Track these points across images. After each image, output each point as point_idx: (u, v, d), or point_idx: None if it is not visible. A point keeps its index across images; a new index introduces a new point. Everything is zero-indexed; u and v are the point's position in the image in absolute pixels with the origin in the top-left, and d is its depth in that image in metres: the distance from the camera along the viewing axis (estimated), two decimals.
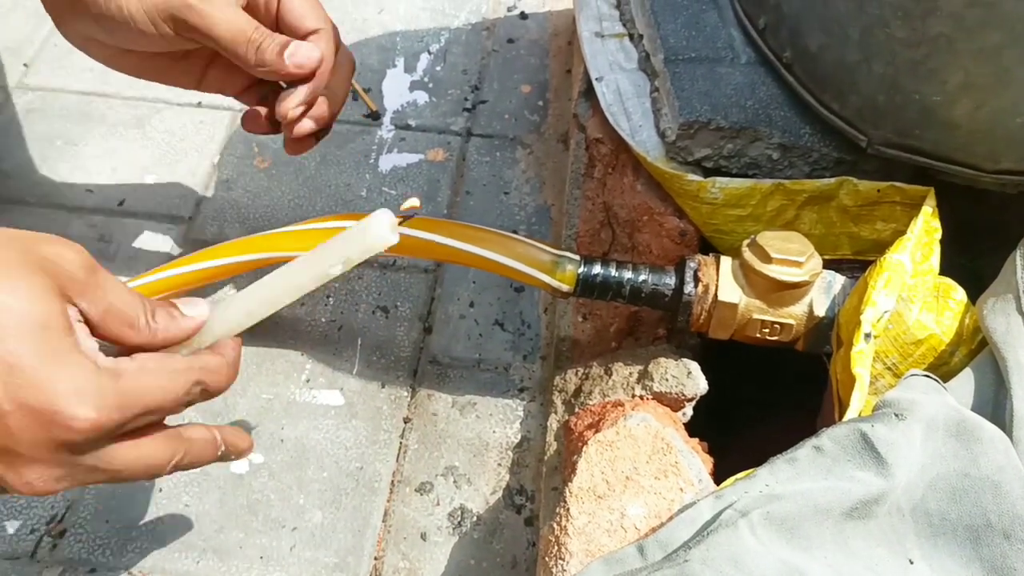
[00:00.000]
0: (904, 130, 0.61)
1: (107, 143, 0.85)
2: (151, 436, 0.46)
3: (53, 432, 0.41)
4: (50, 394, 0.40)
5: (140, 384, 0.44)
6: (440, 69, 0.92)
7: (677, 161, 0.67)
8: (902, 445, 0.49)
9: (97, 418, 0.42)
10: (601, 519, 0.52)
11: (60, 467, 0.42)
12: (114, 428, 0.43)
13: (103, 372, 0.43)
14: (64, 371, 0.41)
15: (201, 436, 0.49)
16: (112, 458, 0.44)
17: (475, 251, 0.60)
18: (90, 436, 0.42)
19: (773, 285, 0.59)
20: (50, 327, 0.41)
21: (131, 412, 0.43)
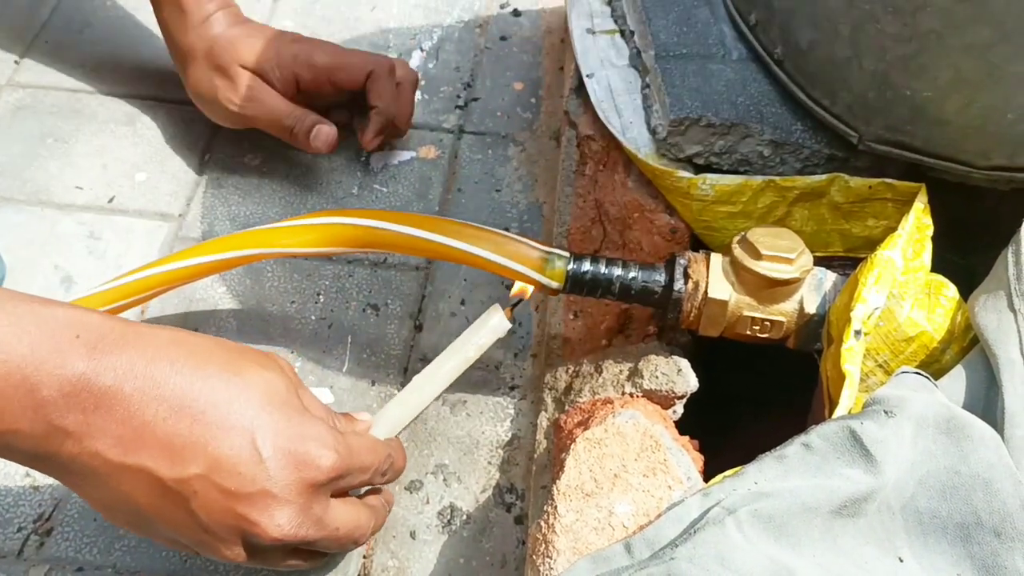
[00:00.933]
0: (895, 126, 0.60)
1: (97, 140, 0.85)
2: (359, 501, 0.54)
3: (303, 472, 0.47)
4: (302, 440, 0.48)
5: (358, 443, 0.52)
6: (432, 66, 0.92)
7: (668, 158, 0.67)
8: (891, 442, 0.49)
9: (337, 460, 0.49)
10: (589, 517, 0.52)
11: (302, 513, 0.48)
12: (343, 474, 0.49)
13: (334, 429, 0.51)
14: (310, 424, 0.49)
15: (379, 502, 0.56)
16: (335, 514, 0.50)
17: (464, 248, 0.60)
18: (332, 476, 0.48)
19: (763, 282, 0.59)
20: (293, 392, 0.50)
21: (355, 464, 0.50)
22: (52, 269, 0.76)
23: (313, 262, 0.77)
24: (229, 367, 0.48)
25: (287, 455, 0.47)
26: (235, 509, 0.46)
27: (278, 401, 0.48)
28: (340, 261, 0.78)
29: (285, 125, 0.77)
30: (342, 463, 0.49)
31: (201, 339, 0.49)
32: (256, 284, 0.76)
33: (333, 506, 0.50)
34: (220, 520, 0.46)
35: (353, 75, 0.79)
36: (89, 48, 0.91)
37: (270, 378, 0.49)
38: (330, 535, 0.50)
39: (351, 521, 0.51)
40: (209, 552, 0.48)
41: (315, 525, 0.48)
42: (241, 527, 0.47)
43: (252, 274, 0.76)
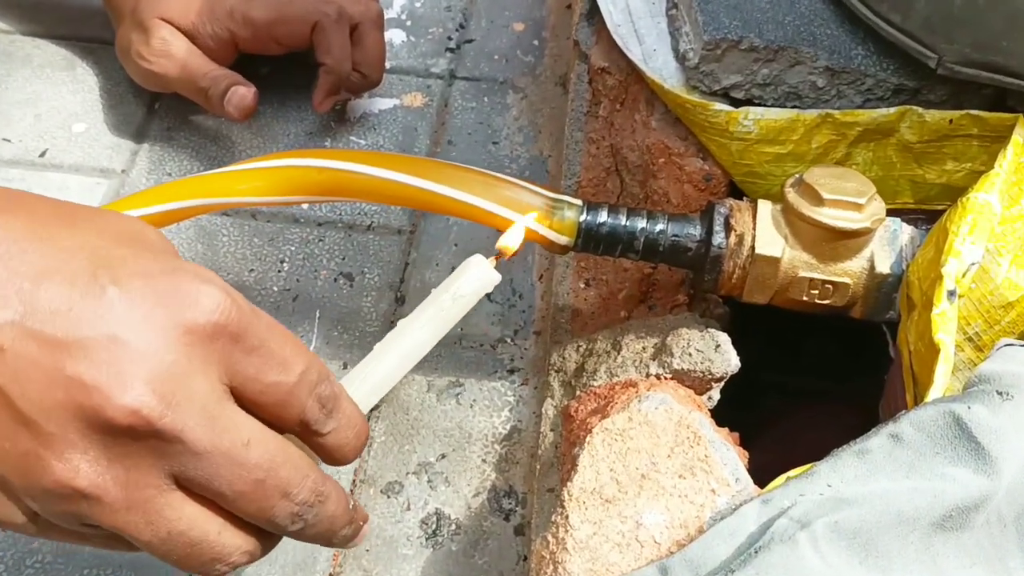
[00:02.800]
0: (987, 42, 0.49)
1: (31, 87, 0.73)
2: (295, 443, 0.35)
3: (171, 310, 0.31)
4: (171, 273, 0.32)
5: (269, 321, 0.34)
6: (420, 5, 0.80)
7: (700, 90, 0.55)
8: (1009, 432, 0.37)
9: (228, 304, 0.32)
10: (610, 530, 0.40)
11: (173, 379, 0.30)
12: (238, 336, 0.32)
13: None
14: (188, 264, 0.33)
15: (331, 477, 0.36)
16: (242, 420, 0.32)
17: (448, 193, 0.48)
18: (218, 324, 0.31)
19: (825, 234, 0.47)
20: (172, 249, 0.35)
21: (260, 332, 0.33)
22: None
23: (277, 224, 0.66)
24: (73, 208, 0.34)
25: (145, 288, 0.31)
26: (63, 369, 0.29)
27: (143, 240, 0.33)
28: (309, 223, 0.66)
29: (199, 86, 0.66)
30: (239, 315, 0.32)
31: (35, 194, 0.34)
32: (209, 249, 0.64)
33: (237, 408, 0.32)
34: (42, 394, 0.29)
35: (295, 29, 0.67)
36: None
37: (136, 222, 0.34)
38: (231, 449, 0.31)
39: (272, 446, 0.33)
40: (39, 483, 0.30)
41: (200, 413, 0.31)
42: (75, 398, 0.29)
43: (205, 237, 0.65)
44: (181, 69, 0.66)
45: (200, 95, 0.66)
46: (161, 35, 0.65)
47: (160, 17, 0.66)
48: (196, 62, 0.66)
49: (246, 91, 0.65)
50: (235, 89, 0.65)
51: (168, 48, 0.66)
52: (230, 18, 0.66)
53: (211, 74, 0.66)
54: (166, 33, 0.66)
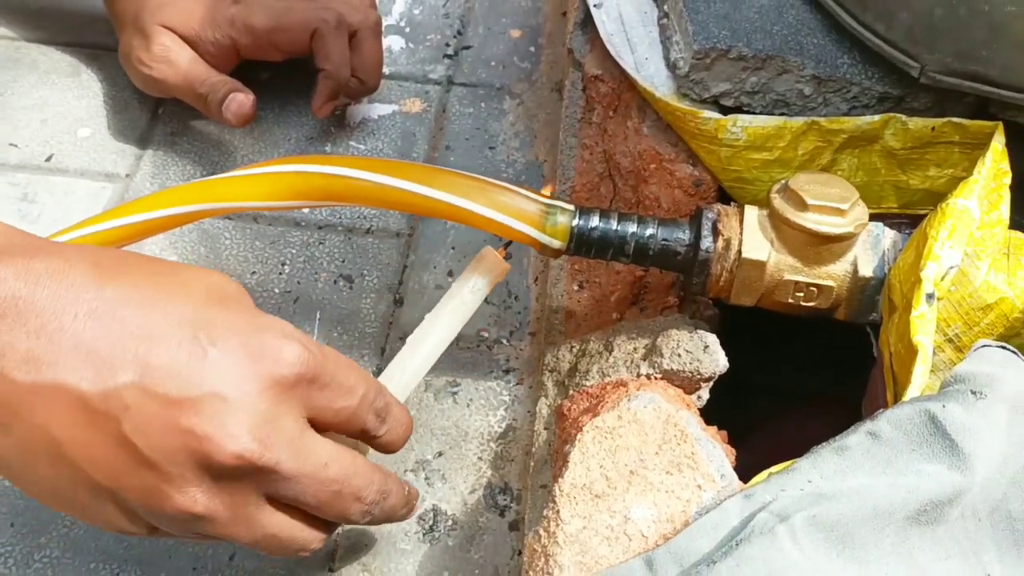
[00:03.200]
0: (967, 52, 0.50)
1: (37, 93, 0.75)
2: (359, 454, 0.43)
3: (261, 366, 0.38)
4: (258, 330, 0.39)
5: (337, 356, 0.41)
6: (419, 12, 0.81)
7: (690, 98, 0.57)
8: (982, 430, 0.39)
9: (306, 355, 0.39)
10: (599, 524, 0.42)
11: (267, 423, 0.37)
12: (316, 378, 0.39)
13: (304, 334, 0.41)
14: (268, 318, 0.40)
15: (391, 472, 0.45)
16: (319, 445, 0.40)
17: (444, 198, 0.50)
18: (300, 374, 0.38)
19: (810, 238, 0.48)
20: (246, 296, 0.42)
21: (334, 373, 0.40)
22: None
23: (278, 227, 0.67)
24: (165, 267, 0.40)
25: (239, 347, 0.37)
26: (179, 422, 0.36)
27: (227, 298, 0.39)
28: (309, 227, 0.67)
29: (199, 92, 0.67)
30: (313, 361, 0.39)
31: (127, 251, 0.41)
32: (212, 252, 0.66)
33: (315, 435, 0.40)
34: (162, 442, 0.36)
35: (295, 36, 0.68)
36: None
37: (217, 279, 0.40)
38: (314, 471, 0.39)
39: (346, 462, 0.41)
40: (161, 509, 0.37)
41: (289, 447, 0.38)
42: (190, 445, 0.36)
43: (207, 240, 0.66)
44: (181, 75, 0.67)
45: (199, 101, 0.68)
46: (162, 41, 0.67)
47: (162, 24, 0.67)
48: (196, 68, 0.67)
49: (244, 98, 0.66)
50: (233, 96, 0.66)
51: (168, 54, 0.67)
52: (231, 25, 0.68)
53: (210, 80, 0.67)
54: (167, 40, 0.67)
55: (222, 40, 0.68)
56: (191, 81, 0.67)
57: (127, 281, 0.37)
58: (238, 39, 0.68)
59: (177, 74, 0.67)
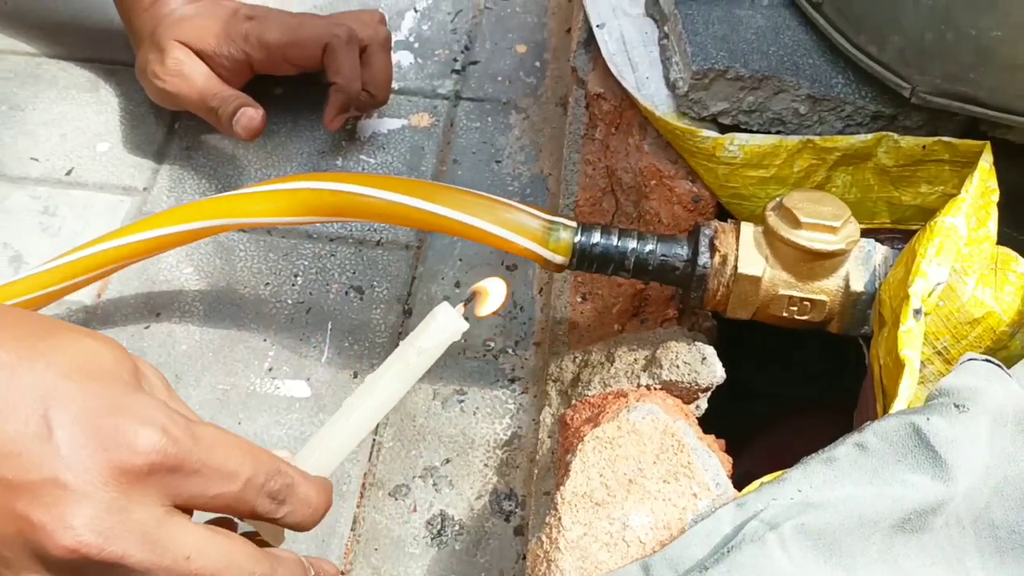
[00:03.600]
0: (956, 74, 0.52)
1: (57, 108, 0.77)
2: (242, 538, 0.38)
3: (110, 453, 0.34)
4: (113, 412, 0.35)
5: (218, 437, 0.37)
6: (427, 28, 0.83)
7: (689, 116, 0.59)
8: (964, 442, 0.41)
9: (164, 442, 0.35)
10: (599, 530, 0.43)
11: (110, 514, 0.34)
12: (178, 467, 0.35)
13: (176, 413, 0.37)
14: (134, 397, 0.36)
15: (289, 556, 0.40)
16: (183, 535, 0.36)
17: (451, 215, 0.52)
18: (154, 462, 0.35)
19: (803, 255, 0.50)
20: (126, 367, 0.38)
21: (204, 459, 0.36)
22: (0, 247, 0.68)
23: (291, 240, 0.69)
24: (39, 329, 0.37)
25: (88, 429, 0.34)
26: (15, 507, 0.33)
27: (96, 369, 0.36)
28: (321, 239, 0.69)
29: (210, 106, 0.69)
30: (175, 449, 0.35)
31: (11, 309, 0.39)
32: (227, 264, 0.68)
33: (180, 524, 0.36)
34: None
35: (307, 51, 0.70)
36: (51, 9, 0.83)
37: (91, 346, 0.37)
38: (172, 564, 0.35)
39: (216, 554, 0.36)
40: None
41: (139, 540, 0.34)
42: (23, 534, 0.33)
43: (222, 253, 0.68)
44: (193, 89, 0.69)
45: (211, 115, 0.69)
46: (176, 56, 0.69)
47: (177, 39, 0.69)
48: (208, 83, 0.69)
49: (254, 112, 0.68)
50: (244, 110, 0.67)
51: (181, 68, 0.69)
52: (245, 41, 0.70)
53: (221, 94, 0.69)
54: (181, 54, 0.69)
55: (236, 55, 0.70)
56: (203, 95, 0.69)
57: None
58: (252, 54, 0.70)
59: (190, 88, 0.69)
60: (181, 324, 0.65)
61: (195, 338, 0.64)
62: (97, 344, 0.37)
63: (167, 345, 0.64)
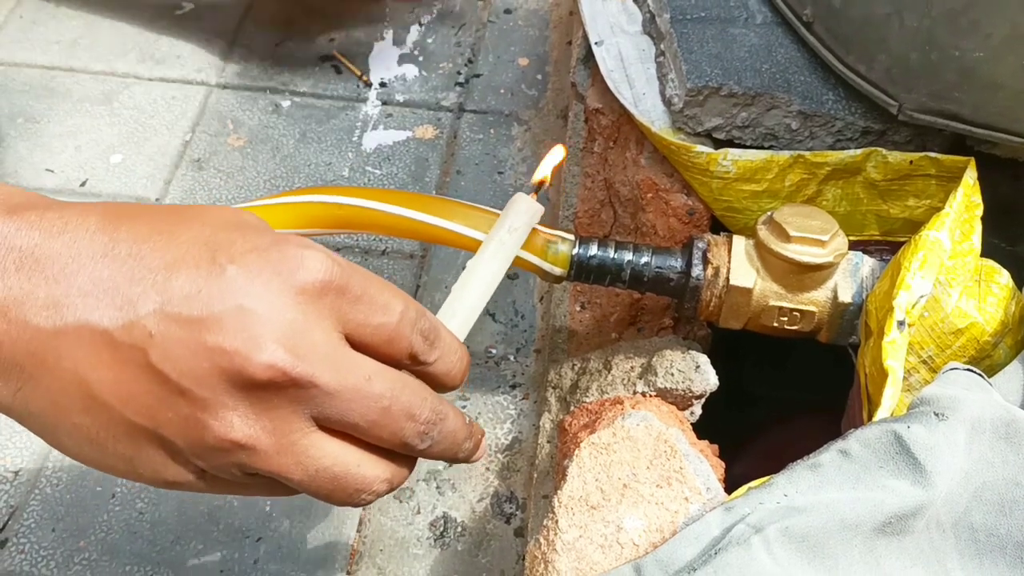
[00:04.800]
0: (940, 92, 0.54)
1: (71, 120, 0.79)
2: (419, 381, 0.38)
3: (284, 276, 0.34)
4: (276, 244, 0.35)
5: (368, 274, 0.37)
6: (432, 41, 0.85)
7: (685, 132, 0.61)
8: (943, 449, 0.42)
9: (332, 266, 0.35)
10: (594, 533, 0.45)
11: (297, 333, 0.34)
12: (345, 290, 0.36)
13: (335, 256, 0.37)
14: (288, 236, 0.36)
15: (453, 411, 0.40)
16: (363, 363, 0.36)
17: (453, 228, 0.54)
18: (326, 283, 0.35)
19: (792, 267, 0.52)
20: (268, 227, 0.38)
21: (364, 286, 0.36)
22: None
23: None
24: (180, 206, 0.38)
25: (259, 260, 0.35)
26: (205, 342, 0.33)
27: (244, 223, 0.37)
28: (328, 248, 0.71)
29: None
30: (339, 271, 0.35)
31: (139, 204, 0.39)
32: None
33: (354, 352, 0.36)
34: (191, 366, 0.33)
35: None
36: (66, 23, 0.86)
37: (233, 211, 0.38)
38: (357, 385, 0.35)
39: (391, 376, 0.36)
40: (201, 441, 0.34)
41: (325, 360, 0.34)
42: (219, 364, 0.33)
43: None
44: None
45: None
46: None
47: None
48: None
49: None
50: None
51: None
52: None
53: None
54: None
55: None
56: None
57: (143, 220, 0.36)
58: None
59: None
60: None
61: None
62: (237, 210, 0.38)
63: None
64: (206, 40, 0.85)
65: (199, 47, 0.84)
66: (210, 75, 0.82)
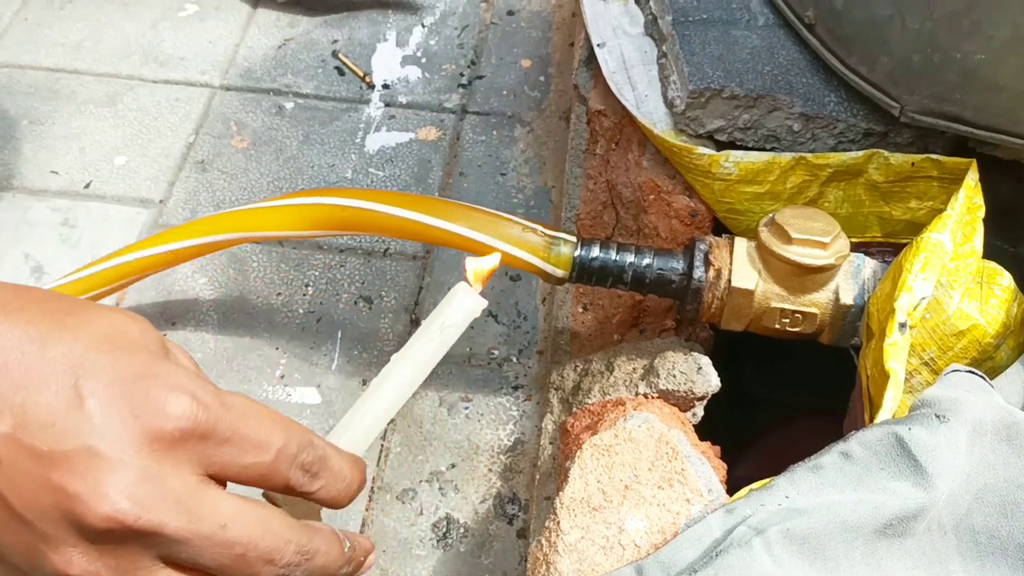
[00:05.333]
0: (942, 94, 0.54)
1: (76, 122, 0.79)
2: (276, 508, 0.37)
3: (142, 419, 0.33)
4: (143, 379, 0.34)
5: (249, 407, 0.36)
6: (434, 43, 0.86)
7: (687, 134, 0.61)
8: (944, 451, 0.43)
9: (195, 409, 0.34)
10: (596, 534, 0.46)
11: (146, 481, 0.33)
12: (209, 434, 0.35)
13: (206, 381, 0.36)
14: (162, 365, 0.35)
15: (325, 527, 0.39)
16: (218, 501, 0.35)
17: (455, 230, 0.54)
18: (186, 428, 0.34)
19: (794, 269, 0.52)
20: (152, 338, 0.37)
21: (235, 427, 0.35)
22: (22, 258, 0.71)
23: (302, 251, 0.71)
24: (65, 305, 0.36)
25: (119, 397, 0.34)
26: (51, 478, 0.33)
27: (122, 342, 0.35)
28: (331, 250, 0.72)
29: None
30: (205, 415, 0.34)
31: (37, 289, 0.38)
32: (240, 275, 0.70)
33: (215, 492, 0.35)
34: (34, 499, 0.33)
35: None
36: (70, 25, 0.86)
37: (117, 320, 0.36)
38: (210, 532, 0.34)
39: (253, 522, 0.35)
40: (41, 570, 0.34)
41: (175, 508, 0.33)
42: (61, 504, 0.33)
43: (236, 263, 0.71)
44: None
45: None
46: None
47: None
48: None
49: None
50: None
51: None
52: None
53: None
54: None
55: None
56: None
57: (23, 318, 0.35)
58: None
59: None
60: (196, 333, 0.67)
61: (210, 346, 0.67)
62: (124, 318, 0.37)
63: None
64: (210, 42, 0.85)
65: (203, 49, 0.85)
66: (214, 77, 0.82)
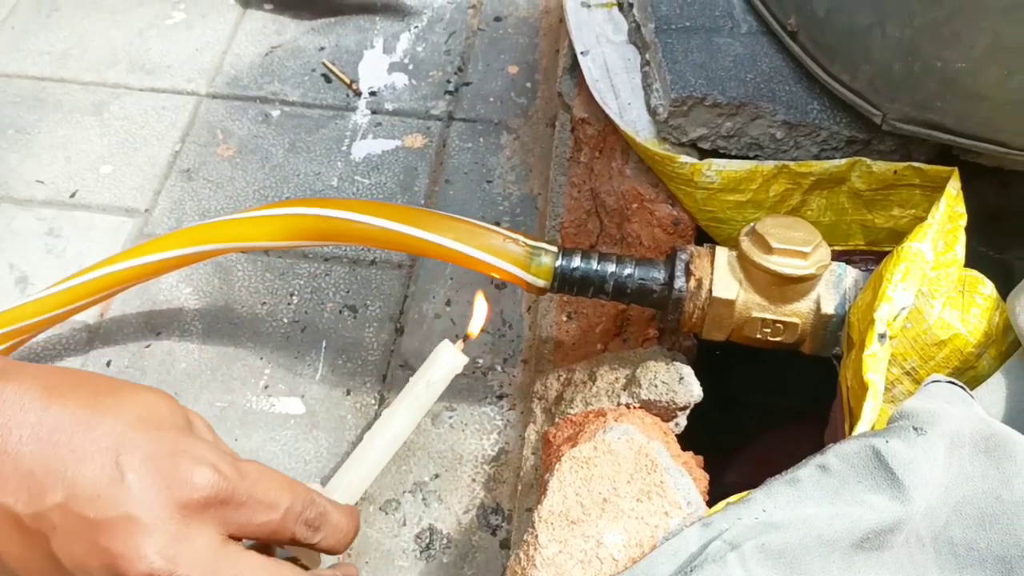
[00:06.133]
0: (923, 103, 0.53)
1: (61, 131, 0.79)
2: (289, 563, 0.44)
3: (173, 490, 0.40)
4: (172, 454, 0.41)
5: (260, 472, 0.44)
6: (421, 49, 0.85)
7: (670, 142, 0.61)
8: (922, 464, 0.42)
9: (216, 478, 0.41)
10: (574, 548, 0.45)
11: (176, 543, 0.40)
12: (228, 499, 0.42)
13: (223, 452, 0.43)
14: (188, 440, 0.42)
15: (326, 573, 0.47)
16: (238, 560, 0.42)
17: (436, 240, 0.54)
18: (209, 496, 0.41)
19: (774, 279, 0.52)
20: (179, 415, 0.44)
21: (250, 492, 0.42)
22: (7, 268, 0.71)
23: (287, 260, 0.71)
24: (107, 387, 0.43)
25: (153, 471, 0.40)
26: (98, 542, 0.39)
27: (155, 420, 0.43)
28: (316, 259, 0.72)
29: None
30: (225, 484, 0.41)
31: (80, 372, 0.45)
32: (224, 284, 0.70)
33: (235, 550, 0.42)
34: (84, 560, 0.39)
35: None
36: (56, 33, 0.86)
37: (149, 399, 0.43)
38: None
39: (267, 573, 0.42)
40: None
41: (201, 565, 0.40)
42: (106, 563, 0.39)
43: (220, 273, 0.70)
44: None
45: None
46: None
47: None
48: None
49: None
50: None
51: None
52: None
53: None
54: None
55: None
56: None
57: (71, 403, 0.41)
58: None
59: None
60: (180, 343, 0.67)
61: (194, 356, 0.66)
62: (155, 397, 0.44)
63: (167, 363, 0.66)
64: (196, 50, 0.85)
65: (190, 57, 0.84)
66: (200, 85, 0.82)
